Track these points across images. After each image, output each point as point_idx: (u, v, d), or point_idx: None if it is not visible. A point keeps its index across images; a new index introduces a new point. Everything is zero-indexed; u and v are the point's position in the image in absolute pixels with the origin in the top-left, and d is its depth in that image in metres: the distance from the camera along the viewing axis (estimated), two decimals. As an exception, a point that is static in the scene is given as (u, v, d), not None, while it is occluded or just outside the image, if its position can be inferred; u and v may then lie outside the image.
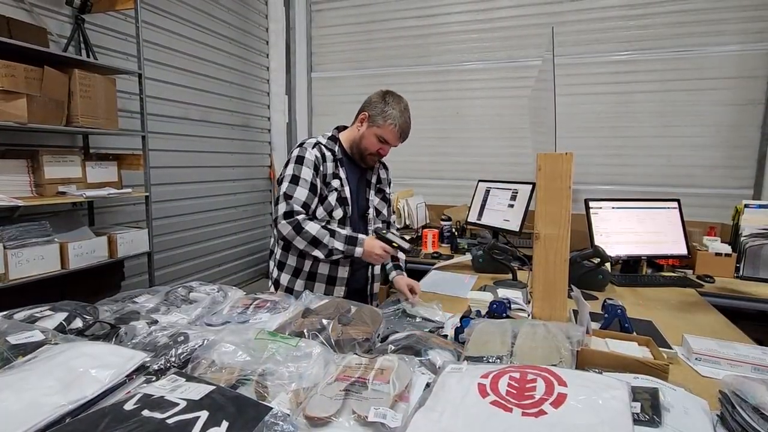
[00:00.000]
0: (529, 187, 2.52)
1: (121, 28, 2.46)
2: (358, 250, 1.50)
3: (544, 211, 1.16)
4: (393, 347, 1.02)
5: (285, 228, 1.49)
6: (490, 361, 0.91)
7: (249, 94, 3.65)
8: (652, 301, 1.77)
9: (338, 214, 1.59)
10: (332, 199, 1.58)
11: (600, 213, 2.25)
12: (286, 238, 1.51)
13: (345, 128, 1.72)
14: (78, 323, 1.03)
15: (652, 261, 2.32)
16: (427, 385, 0.83)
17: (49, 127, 1.87)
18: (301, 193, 1.51)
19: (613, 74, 3.05)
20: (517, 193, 2.60)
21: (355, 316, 1.18)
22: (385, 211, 1.78)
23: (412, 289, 1.57)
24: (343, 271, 1.63)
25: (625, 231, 2.23)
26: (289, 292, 1.63)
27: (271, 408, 0.69)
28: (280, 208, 1.51)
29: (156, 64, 2.73)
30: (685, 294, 1.90)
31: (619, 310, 1.23)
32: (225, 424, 0.62)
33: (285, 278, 1.67)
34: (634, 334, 1.17)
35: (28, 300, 1.15)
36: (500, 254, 2.00)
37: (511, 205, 2.59)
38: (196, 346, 0.93)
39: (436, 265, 2.30)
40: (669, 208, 2.29)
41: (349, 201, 1.62)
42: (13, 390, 0.69)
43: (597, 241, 2.16)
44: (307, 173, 1.53)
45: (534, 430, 0.64)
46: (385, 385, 0.79)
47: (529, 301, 1.55)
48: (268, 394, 0.78)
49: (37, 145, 2.06)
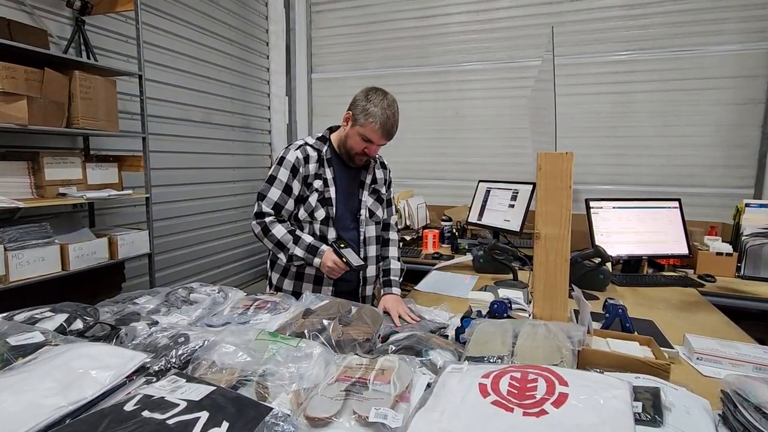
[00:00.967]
0: (530, 187, 2.52)
1: (121, 30, 2.46)
2: (317, 261, 1.50)
3: (544, 211, 1.16)
4: (394, 347, 1.02)
5: (255, 228, 1.55)
6: (491, 361, 0.91)
7: (249, 96, 3.65)
8: (653, 301, 1.76)
9: (320, 215, 1.58)
10: (313, 200, 1.57)
11: (600, 213, 2.25)
12: (257, 237, 1.56)
13: (339, 128, 1.71)
14: (78, 324, 1.03)
15: (653, 261, 2.32)
16: (428, 386, 0.83)
17: (49, 129, 1.87)
18: (274, 194, 1.54)
19: (613, 74, 3.05)
20: (517, 193, 2.60)
21: (356, 317, 1.18)
22: (379, 212, 1.71)
23: (400, 315, 1.41)
24: None
25: (625, 231, 2.23)
26: (279, 290, 1.64)
27: (272, 408, 0.69)
28: (255, 207, 1.55)
29: (156, 66, 2.73)
30: (686, 294, 1.90)
31: (620, 310, 1.23)
32: (225, 425, 0.62)
33: (275, 277, 1.69)
34: (636, 333, 1.17)
35: (29, 301, 1.15)
36: (501, 254, 1.99)
37: (512, 206, 2.59)
38: (197, 347, 0.93)
39: (436, 266, 2.31)
40: (670, 208, 2.29)
41: (334, 202, 1.58)
42: (13, 391, 0.69)
43: (598, 241, 2.16)
44: (283, 174, 1.55)
45: (535, 429, 0.64)
46: (386, 385, 0.79)
47: (530, 301, 1.54)
48: (268, 395, 0.78)
49: (37, 146, 2.06)
